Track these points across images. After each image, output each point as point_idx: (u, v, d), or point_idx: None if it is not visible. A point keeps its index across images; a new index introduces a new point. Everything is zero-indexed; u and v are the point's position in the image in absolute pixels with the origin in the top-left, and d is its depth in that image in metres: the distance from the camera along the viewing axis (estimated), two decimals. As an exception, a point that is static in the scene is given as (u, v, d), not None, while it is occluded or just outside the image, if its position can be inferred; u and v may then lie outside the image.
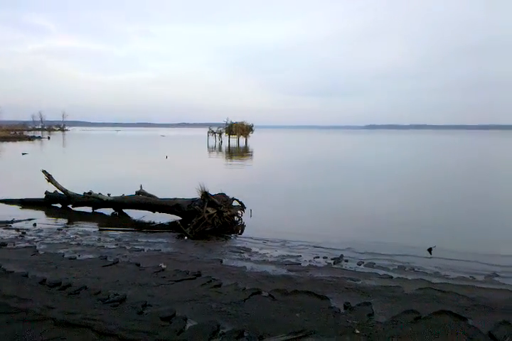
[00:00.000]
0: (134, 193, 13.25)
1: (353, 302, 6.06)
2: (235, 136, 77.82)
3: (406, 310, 5.78)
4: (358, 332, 5.14)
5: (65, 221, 12.40)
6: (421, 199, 16.72)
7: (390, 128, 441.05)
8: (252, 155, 45.99)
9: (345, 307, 5.92)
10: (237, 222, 11.92)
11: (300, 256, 8.81)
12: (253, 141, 75.73)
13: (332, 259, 8.55)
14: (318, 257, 8.72)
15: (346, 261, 8.49)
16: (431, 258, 8.78)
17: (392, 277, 7.43)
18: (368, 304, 6.03)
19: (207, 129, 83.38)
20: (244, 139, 77.42)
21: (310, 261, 8.47)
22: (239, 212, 12.15)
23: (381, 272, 7.71)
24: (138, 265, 7.77)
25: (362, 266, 8.14)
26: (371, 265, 8.21)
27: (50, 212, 13.60)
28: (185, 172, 25.53)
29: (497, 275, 7.62)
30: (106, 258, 8.22)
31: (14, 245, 9.29)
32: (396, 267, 8.07)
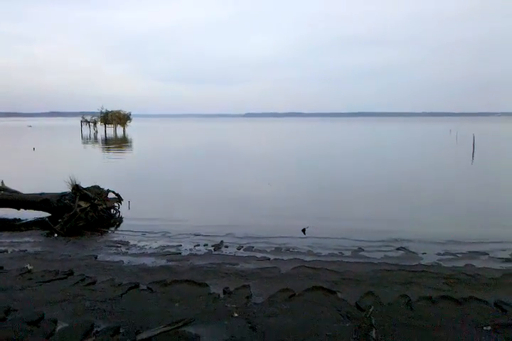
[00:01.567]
0: (-6, 190, 11.95)
1: (231, 287, 6.16)
2: (111, 126, 74.24)
3: (281, 289, 6.04)
4: (236, 315, 5.24)
5: None
6: (292, 182, 17.60)
7: (269, 116, 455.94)
8: (130, 145, 44.38)
9: (225, 292, 6.00)
10: (114, 215, 11.41)
11: (180, 245, 8.71)
12: (131, 130, 73.06)
13: (212, 246, 8.60)
14: (198, 245, 8.71)
15: (226, 246, 8.59)
16: (305, 238, 9.28)
17: (269, 259, 7.70)
18: (246, 287, 6.18)
19: (80, 118, 78.33)
20: (122, 129, 74.28)
21: (190, 249, 8.43)
22: (116, 204, 11.63)
23: (259, 255, 7.95)
24: (0, 268, 7.05)
25: (241, 251, 8.32)
26: (250, 249, 8.43)
27: None
28: (55, 165, 23.73)
29: (363, 250, 8.29)
30: (-39, 264, 7.33)
31: None
32: (273, 249, 8.38)
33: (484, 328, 4.86)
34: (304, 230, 9.70)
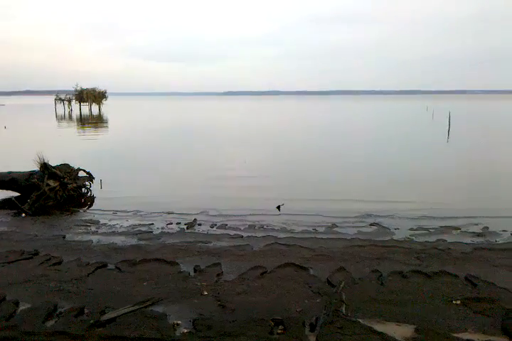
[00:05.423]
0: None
1: (202, 265, 6.05)
2: (86, 104, 72.46)
3: (253, 266, 5.95)
4: (206, 293, 5.13)
5: None
6: (266, 159, 17.48)
7: (248, 94, 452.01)
8: (105, 124, 43.41)
9: (195, 271, 5.89)
10: (85, 194, 11.13)
11: (153, 224, 8.53)
12: (107, 108, 71.51)
13: (185, 224, 8.44)
14: (171, 223, 8.55)
15: (200, 224, 8.45)
16: (279, 215, 9.19)
17: (242, 236, 7.60)
18: (217, 265, 6.08)
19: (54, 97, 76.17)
20: (98, 107, 72.60)
21: (163, 228, 8.26)
22: (87, 183, 11.34)
23: (232, 232, 7.84)
24: (-38, 249, 6.79)
25: (214, 229, 8.19)
26: (223, 226, 8.30)
27: None
28: (27, 143, 22.99)
29: (336, 226, 8.25)
30: None
31: None
32: (247, 226, 8.27)
33: (453, 302, 4.87)
34: (278, 207, 9.62)
